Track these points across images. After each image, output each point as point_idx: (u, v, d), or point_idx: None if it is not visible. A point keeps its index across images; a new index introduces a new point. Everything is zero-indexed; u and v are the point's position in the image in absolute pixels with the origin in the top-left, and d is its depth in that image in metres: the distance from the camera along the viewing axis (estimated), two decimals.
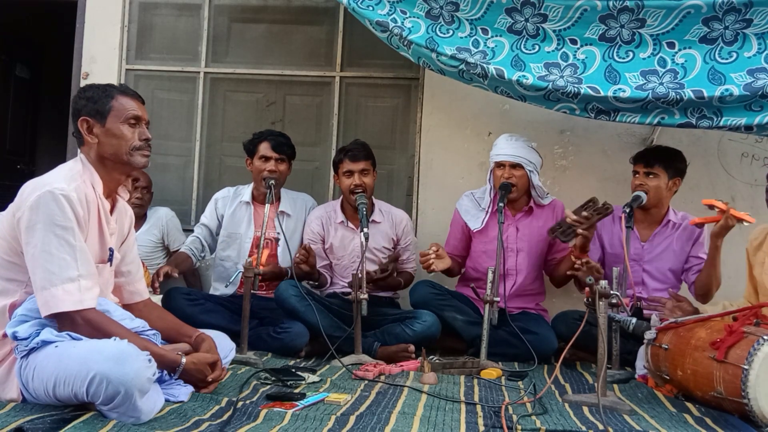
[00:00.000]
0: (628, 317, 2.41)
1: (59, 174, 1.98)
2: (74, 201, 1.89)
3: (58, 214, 1.86)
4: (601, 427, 1.91)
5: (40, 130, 6.29)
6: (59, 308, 1.84)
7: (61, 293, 1.84)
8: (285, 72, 3.99)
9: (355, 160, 3.14)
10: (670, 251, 3.08)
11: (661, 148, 3.12)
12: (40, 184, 1.90)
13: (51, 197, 1.86)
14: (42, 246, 1.85)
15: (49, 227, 1.85)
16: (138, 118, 2.08)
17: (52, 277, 1.84)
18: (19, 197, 1.93)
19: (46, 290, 1.84)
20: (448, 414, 2.00)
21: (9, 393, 1.87)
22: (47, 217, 1.85)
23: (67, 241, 1.87)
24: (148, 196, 3.59)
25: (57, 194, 1.86)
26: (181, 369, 2.01)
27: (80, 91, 2.12)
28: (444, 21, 3.08)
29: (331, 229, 3.27)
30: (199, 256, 3.33)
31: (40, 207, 1.85)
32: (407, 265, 3.35)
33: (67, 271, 1.86)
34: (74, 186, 1.92)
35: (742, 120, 2.81)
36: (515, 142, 3.11)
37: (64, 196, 1.87)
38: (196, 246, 3.31)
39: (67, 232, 1.87)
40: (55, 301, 1.84)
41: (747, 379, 1.97)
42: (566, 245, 3.06)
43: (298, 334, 2.88)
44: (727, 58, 2.84)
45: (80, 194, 1.93)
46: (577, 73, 2.96)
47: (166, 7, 4.09)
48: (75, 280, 1.86)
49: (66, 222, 1.87)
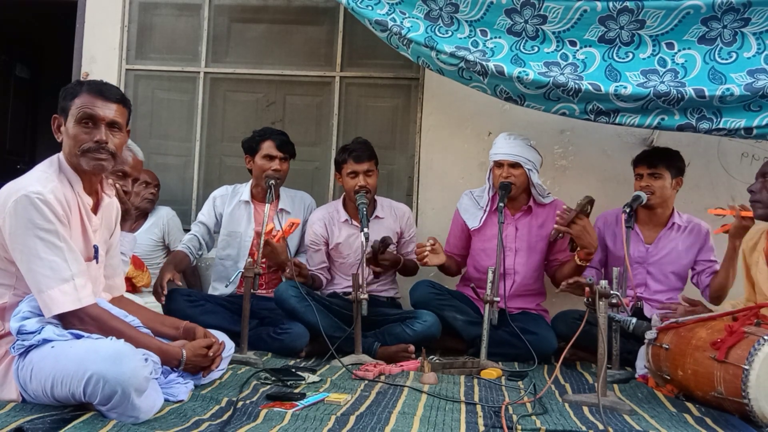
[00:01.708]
0: (628, 317, 2.41)
1: (33, 176, 1.93)
2: (51, 202, 1.85)
3: (38, 217, 1.83)
4: (601, 427, 1.91)
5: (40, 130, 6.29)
6: (60, 309, 1.84)
7: (58, 295, 1.84)
8: (285, 72, 3.99)
9: (359, 161, 3.13)
10: (674, 254, 3.07)
11: (660, 149, 3.12)
12: (14, 189, 1.86)
13: (27, 201, 1.83)
14: (29, 251, 1.83)
15: (32, 231, 1.83)
16: (92, 117, 1.94)
17: (47, 280, 1.84)
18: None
19: (43, 293, 1.84)
20: (448, 414, 2.00)
21: (8, 394, 1.87)
22: (27, 222, 1.83)
23: (53, 243, 1.85)
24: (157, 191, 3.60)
25: (33, 198, 1.83)
26: (185, 360, 2.04)
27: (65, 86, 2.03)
28: (443, 23, 3.09)
29: (335, 229, 3.27)
30: (197, 254, 3.32)
31: (19, 213, 1.83)
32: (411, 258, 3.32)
33: (60, 273, 1.85)
34: (50, 187, 1.88)
35: (741, 121, 2.82)
36: (514, 141, 3.11)
37: (41, 200, 1.84)
38: (193, 244, 3.30)
39: (51, 234, 1.85)
40: (54, 302, 1.84)
41: (747, 380, 1.97)
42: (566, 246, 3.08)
43: (299, 335, 2.88)
44: (726, 58, 2.85)
45: (58, 194, 1.89)
46: (577, 71, 2.96)
47: (166, 7, 4.09)
48: (69, 280, 1.86)
49: (47, 225, 1.84)
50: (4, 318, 1.92)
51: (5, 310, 1.92)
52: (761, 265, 2.52)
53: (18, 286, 1.92)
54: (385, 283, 3.28)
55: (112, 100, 1.98)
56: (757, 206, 2.50)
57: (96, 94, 1.96)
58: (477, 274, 3.23)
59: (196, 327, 2.21)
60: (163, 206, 3.68)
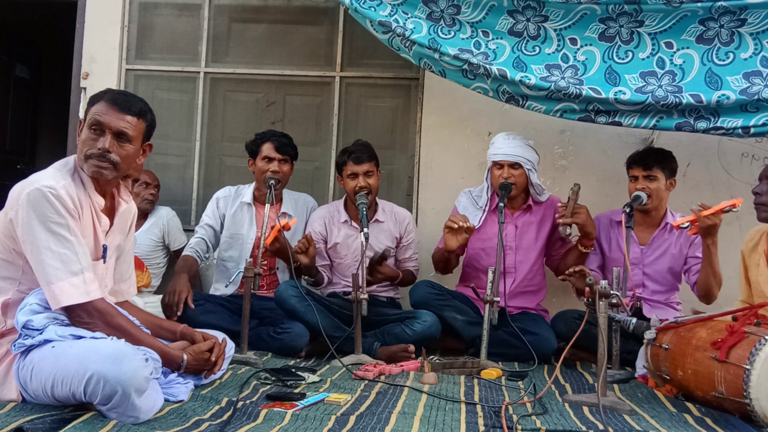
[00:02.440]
0: (628, 317, 2.41)
1: (47, 173, 1.97)
2: (63, 197, 1.89)
3: (50, 210, 1.87)
4: (601, 427, 1.91)
5: (40, 130, 6.29)
6: (69, 301, 1.86)
7: (67, 287, 1.86)
8: (285, 72, 3.99)
9: (359, 163, 3.13)
10: (669, 254, 3.07)
11: (654, 150, 3.12)
12: (28, 183, 1.91)
13: (40, 194, 1.86)
14: (40, 243, 1.86)
15: (44, 224, 1.86)
16: (99, 125, 1.97)
17: (57, 272, 1.85)
18: (10, 197, 1.93)
19: (52, 284, 1.85)
20: (448, 414, 2.00)
21: (8, 394, 1.87)
22: (40, 214, 1.86)
23: (64, 237, 1.88)
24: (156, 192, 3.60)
25: (45, 191, 1.87)
26: (185, 364, 2.07)
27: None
28: (445, 23, 3.11)
29: (334, 229, 3.27)
30: (204, 257, 3.31)
31: (32, 205, 1.86)
32: (408, 264, 3.34)
33: (70, 265, 1.87)
34: (63, 184, 1.92)
35: (738, 121, 2.88)
36: (513, 141, 3.11)
37: (53, 194, 1.87)
38: (201, 248, 3.27)
39: (62, 228, 1.88)
40: (63, 294, 1.85)
41: (749, 379, 1.96)
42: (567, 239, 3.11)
43: (299, 334, 2.88)
44: (724, 59, 2.90)
45: (70, 191, 1.93)
46: (578, 74, 3.03)
47: (166, 7, 4.09)
48: (79, 273, 1.88)
49: (59, 218, 1.87)
50: (6, 314, 1.92)
51: (8, 306, 1.92)
52: (762, 267, 2.51)
53: (23, 281, 1.93)
54: (385, 284, 3.27)
55: (126, 112, 2.01)
56: (761, 209, 2.47)
57: (111, 103, 2.00)
58: (476, 273, 3.24)
59: (194, 332, 2.22)
60: (163, 206, 3.68)
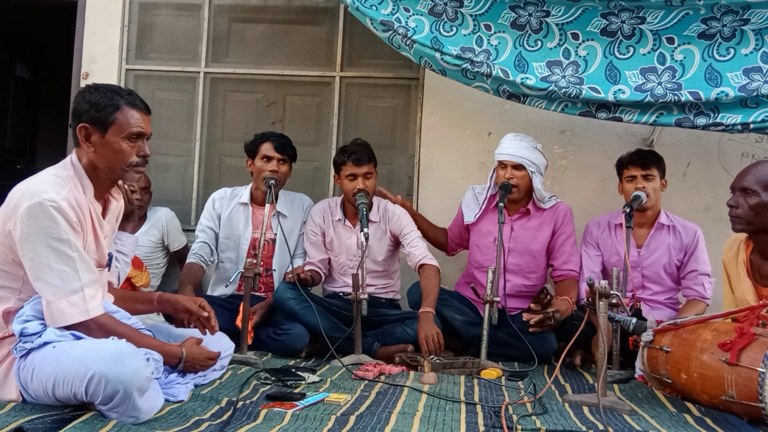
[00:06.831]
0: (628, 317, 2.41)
1: (46, 180, 1.89)
2: (65, 209, 1.84)
3: (52, 226, 1.82)
4: (601, 427, 1.91)
5: (40, 130, 6.29)
6: (66, 321, 1.84)
7: (66, 306, 1.83)
8: (285, 72, 3.99)
9: (358, 164, 3.10)
10: (665, 255, 3.06)
11: (645, 151, 3.13)
12: (29, 194, 1.84)
13: (41, 209, 1.81)
14: (40, 260, 1.82)
15: (44, 240, 1.81)
16: (141, 135, 1.99)
17: (55, 290, 1.83)
18: (7, 205, 1.87)
19: (51, 304, 1.83)
20: (448, 414, 2.00)
21: (8, 394, 1.87)
22: (41, 230, 1.81)
23: (65, 253, 1.84)
24: (147, 197, 3.57)
25: (47, 206, 1.81)
26: (184, 358, 2.09)
27: (85, 91, 1.98)
28: (447, 17, 3.11)
29: (330, 225, 3.27)
30: (209, 261, 3.30)
31: (32, 220, 1.81)
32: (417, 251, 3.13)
33: (69, 283, 1.84)
34: (64, 194, 1.86)
35: (738, 117, 2.89)
36: (520, 143, 3.10)
37: (55, 208, 1.82)
38: (205, 252, 3.26)
39: (64, 244, 1.84)
40: (62, 314, 1.83)
41: (764, 383, 1.94)
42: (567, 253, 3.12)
43: (298, 335, 2.88)
44: (725, 55, 2.91)
45: (71, 200, 1.88)
46: (578, 72, 3.02)
47: (166, 7, 4.09)
48: (78, 291, 1.85)
49: (60, 234, 1.83)
50: (7, 321, 1.91)
51: (9, 314, 1.91)
52: (743, 277, 2.47)
53: (24, 290, 1.91)
54: (385, 285, 3.27)
55: (147, 112, 2.03)
56: (737, 221, 2.40)
57: (139, 108, 1.99)
58: (472, 269, 3.26)
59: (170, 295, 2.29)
60: (162, 207, 3.67)
